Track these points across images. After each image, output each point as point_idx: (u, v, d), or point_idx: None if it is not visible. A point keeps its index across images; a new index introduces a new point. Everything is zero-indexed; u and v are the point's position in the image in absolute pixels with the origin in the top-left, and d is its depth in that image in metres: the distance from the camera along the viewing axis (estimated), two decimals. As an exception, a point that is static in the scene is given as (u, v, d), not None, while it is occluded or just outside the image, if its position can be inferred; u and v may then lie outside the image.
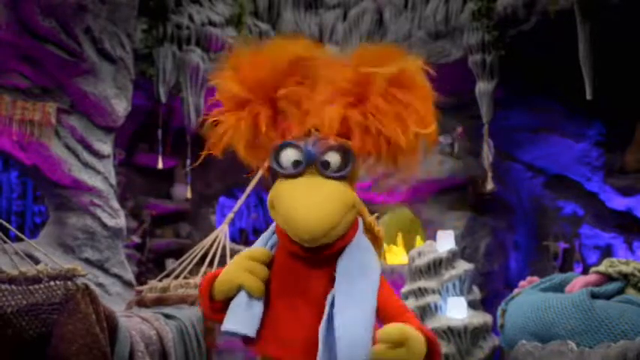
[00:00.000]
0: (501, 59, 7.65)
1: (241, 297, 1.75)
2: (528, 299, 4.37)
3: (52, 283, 3.00)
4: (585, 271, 6.23)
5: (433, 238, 6.50)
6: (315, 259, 1.76)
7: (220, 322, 1.79)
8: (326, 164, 1.74)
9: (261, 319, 1.74)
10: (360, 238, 1.86)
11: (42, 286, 2.99)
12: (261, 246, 1.89)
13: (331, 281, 1.74)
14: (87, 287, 3.05)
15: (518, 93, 8.19)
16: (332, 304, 1.67)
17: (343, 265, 1.74)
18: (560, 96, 7.99)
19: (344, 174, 1.75)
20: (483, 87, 7.71)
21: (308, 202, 1.67)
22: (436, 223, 8.60)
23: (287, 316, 1.75)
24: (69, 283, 3.03)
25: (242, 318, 1.73)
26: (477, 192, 8.78)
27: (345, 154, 1.75)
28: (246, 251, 1.86)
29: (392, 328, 1.59)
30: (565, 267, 8.88)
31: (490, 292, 7.89)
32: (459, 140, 9.02)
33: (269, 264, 1.83)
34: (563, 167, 9.21)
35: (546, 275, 4.77)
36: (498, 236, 8.98)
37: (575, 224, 9.23)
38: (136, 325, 3.49)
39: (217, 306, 1.83)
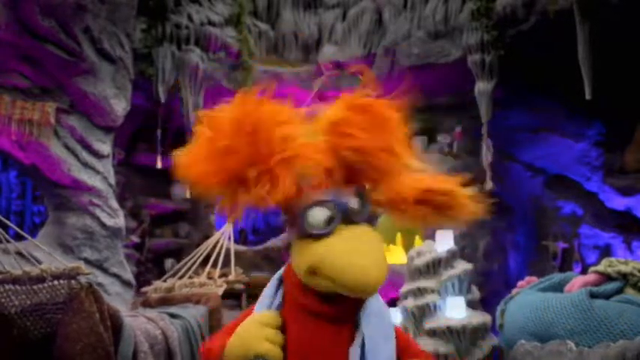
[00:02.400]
0: (501, 59, 7.68)
1: None
2: (527, 299, 4.39)
3: (55, 282, 3.00)
4: (584, 271, 6.24)
5: (432, 237, 6.47)
6: (338, 315, 1.71)
7: None
8: (355, 211, 1.69)
9: None
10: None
11: (46, 285, 2.99)
12: (265, 308, 1.79)
13: (351, 336, 1.71)
14: (90, 286, 3.05)
15: (518, 93, 8.23)
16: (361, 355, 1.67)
17: (367, 320, 1.72)
18: (559, 96, 8.02)
19: (368, 214, 1.73)
20: (482, 87, 7.74)
21: (366, 251, 1.62)
22: (435, 222, 8.59)
23: None
24: (72, 282, 3.03)
25: None
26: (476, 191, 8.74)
27: (361, 194, 1.71)
28: (256, 317, 1.75)
29: None
30: (564, 267, 8.90)
31: (489, 291, 7.90)
32: (458, 140, 9.05)
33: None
34: (562, 167, 9.24)
35: (545, 275, 4.78)
36: (498, 236, 9.01)
37: (575, 224, 9.25)
38: (141, 324, 3.51)
39: None
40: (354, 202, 1.69)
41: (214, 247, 5.80)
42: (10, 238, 3.30)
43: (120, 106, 7.13)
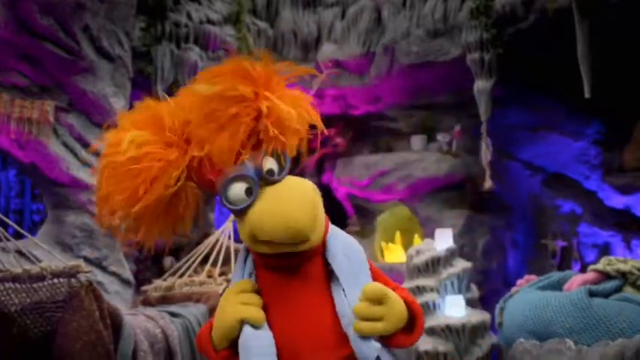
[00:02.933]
0: (500, 57, 7.67)
1: (246, 332, 1.69)
2: (526, 297, 4.41)
3: (55, 280, 3.01)
4: (583, 270, 6.26)
5: (431, 236, 6.51)
6: (302, 260, 1.75)
7: None
8: (271, 172, 1.73)
9: (274, 342, 1.69)
10: (334, 228, 1.88)
11: (46, 283, 3.00)
12: (239, 278, 1.83)
13: (325, 270, 1.78)
14: (90, 284, 3.07)
15: (517, 91, 8.23)
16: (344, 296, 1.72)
17: (333, 254, 1.77)
18: (558, 94, 8.01)
19: (289, 167, 1.77)
20: (482, 85, 7.72)
21: (286, 199, 1.66)
22: (434, 221, 8.61)
23: (298, 328, 1.72)
24: (72, 280, 3.05)
25: (256, 350, 1.66)
26: (475, 190, 8.80)
27: (274, 152, 1.74)
28: (230, 289, 1.80)
29: (372, 286, 1.70)
30: (563, 265, 8.88)
31: (488, 290, 7.92)
32: (458, 138, 9.06)
33: (257, 291, 1.79)
34: (561, 165, 9.22)
35: (544, 274, 4.81)
36: (497, 234, 9.00)
37: (574, 222, 9.24)
38: (141, 323, 3.52)
39: (224, 355, 1.76)
40: (269, 164, 1.72)
41: (214, 245, 5.79)
42: (9, 237, 3.30)
43: (119, 105, 7.10)
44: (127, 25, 7.39)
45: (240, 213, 1.71)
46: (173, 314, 3.97)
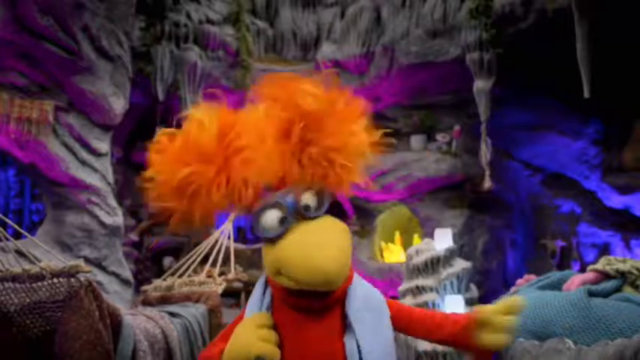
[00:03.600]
0: (499, 57, 7.67)
1: None
2: (525, 297, 4.41)
3: (55, 280, 2.96)
4: (583, 269, 6.25)
5: (431, 236, 6.51)
6: (323, 307, 1.75)
7: None
8: (307, 208, 1.73)
9: None
10: (357, 276, 1.87)
11: (45, 283, 2.96)
12: (256, 310, 1.84)
13: (342, 323, 1.77)
14: (90, 284, 2.99)
15: (516, 91, 8.22)
16: (357, 349, 1.71)
17: (353, 307, 1.77)
18: (558, 94, 8.02)
19: (325, 208, 1.75)
20: (481, 85, 7.73)
21: (319, 244, 1.64)
22: (434, 221, 8.66)
23: None
24: (72, 279, 2.98)
25: None
26: (474, 190, 8.82)
27: (317, 189, 1.74)
28: (249, 319, 1.80)
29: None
30: (563, 265, 8.91)
31: (488, 290, 7.92)
32: (457, 138, 9.07)
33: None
34: (561, 165, 9.23)
35: (544, 273, 4.80)
36: (496, 234, 9.03)
37: (573, 222, 9.26)
38: (141, 323, 3.47)
39: None
40: (307, 199, 1.72)
41: (214, 245, 5.76)
42: (8, 236, 3.28)
43: (118, 105, 7.12)
44: (126, 25, 7.39)
45: (270, 242, 1.72)
46: (173, 314, 3.91)
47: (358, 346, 1.71)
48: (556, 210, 9.43)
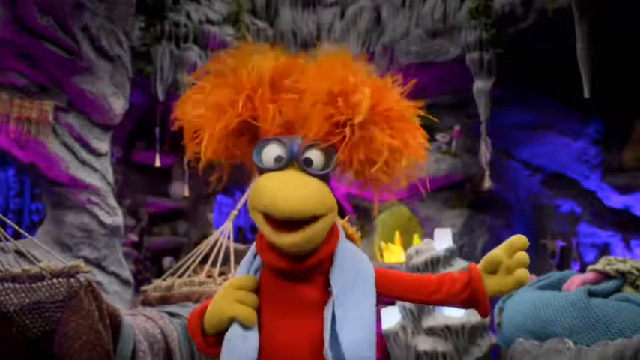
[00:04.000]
0: (499, 57, 7.68)
1: (235, 329, 1.73)
2: (525, 297, 4.41)
3: (55, 280, 2.99)
4: (583, 270, 6.26)
5: (431, 236, 6.46)
6: (304, 271, 1.75)
7: (216, 356, 1.78)
8: (308, 161, 1.73)
9: (258, 347, 1.71)
10: (346, 244, 1.86)
11: (45, 283, 2.98)
12: (244, 272, 1.85)
13: (324, 292, 1.76)
14: (90, 284, 3.05)
15: (516, 91, 8.22)
16: (333, 317, 1.69)
17: (337, 276, 1.75)
18: (558, 94, 8.03)
19: (326, 172, 1.75)
20: (481, 85, 7.74)
21: (292, 186, 1.67)
22: (434, 221, 8.67)
23: (286, 338, 1.73)
24: (72, 280, 3.02)
25: (240, 352, 1.70)
26: (474, 190, 8.83)
27: (329, 154, 1.74)
28: (231, 280, 1.82)
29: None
30: (562, 265, 8.90)
31: (488, 290, 7.92)
32: (457, 138, 9.08)
33: (256, 289, 1.80)
34: (560, 165, 9.22)
35: (544, 273, 4.82)
36: (496, 234, 8.99)
37: (573, 222, 9.24)
38: (141, 323, 3.50)
39: (211, 340, 1.82)
40: (314, 155, 1.73)
41: (213, 245, 5.76)
42: (8, 236, 3.28)
43: (118, 105, 7.11)
44: (126, 25, 7.39)
45: (260, 173, 1.76)
46: (172, 314, 3.93)
47: (334, 319, 1.68)
48: (556, 210, 9.42)
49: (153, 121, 8.61)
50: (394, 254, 9.58)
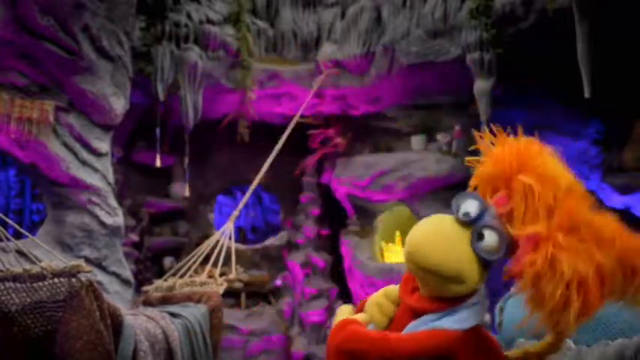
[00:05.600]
0: (499, 57, 7.66)
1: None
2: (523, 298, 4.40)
3: (56, 280, 2.98)
4: (583, 269, 6.25)
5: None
6: (405, 307, 1.91)
7: None
8: (480, 236, 1.79)
9: None
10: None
11: (46, 283, 2.97)
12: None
13: None
14: (91, 284, 3.03)
15: (517, 91, 8.19)
16: None
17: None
18: (558, 94, 8.01)
19: (490, 252, 1.81)
20: (481, 85, 7.72)
21: (436, 231, 1.80)
22: (434, 221, 8.57)
23: None
24: (73, 279, 3.00)
25: None
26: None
27: (505, 244, 1.81)
28: (385, 287, 2.05)
29: None
30: None
31: (488, 289, 7.90)
32: (458, 138, 9.07)
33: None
34: None
35: None
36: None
37: (573, 222, 9.17)
38: (142, 323, 3.50)
39: None
40: (490, 234, 1.80)
41: (215, 245, 5.77)
42: (9, 236, 3.28)
43: (119, 105, 7.12)
44: (126, 25, 7.39)
45: None
46: (173, 314, 3.95)
47: None
48: None
49: (153, 120, 8.61)
50: (395, 254, 9.58)
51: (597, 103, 7.21)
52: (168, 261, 9.92)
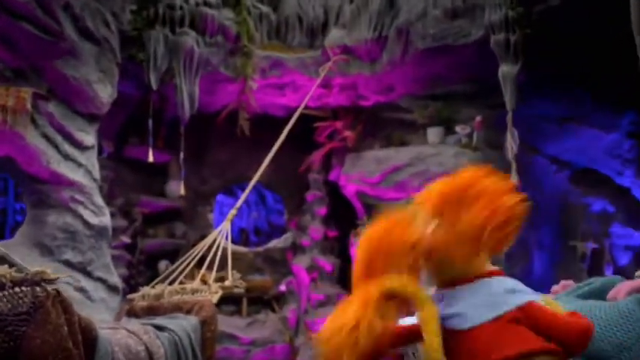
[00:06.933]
0: (527, 39, 7.37)
1: None
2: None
3: (17, 289, 2.77)
4: (617, 274, 6.00)
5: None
6: None
7: None
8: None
9: None
10: None
11: (6, 293, 2.75)
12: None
13: None
14: (58, 294, 2.80)
15: (544, 78, 7.93)
16: None
17: None
18: (590, 81, 7.75)
19: None
20: (507, 70, 7.43)
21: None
22: (452, 220, 8.38)
23: None
24: (37, 289, 2.79)
25: None
26: (497, 187, 8.54)
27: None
28: None
29: None
30: (594, 269, 8.72)
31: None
32: (478, 130, 8.78)
33: None
34: (591, 160, 9.07)
35: (573, 278, 4.52)
36: (521, 235, 8.64)
37: (605, 222, 9.13)
38: (121, 339, 3.30)
39: None
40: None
41: (210, 247, 5.58)
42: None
43: (105, 92, 6.93)
44: (114, 5, 7.26)
45: None
46: (159, 327, 3.71)
47: None
48: (586, 209, 9.25)
49: (146, 113, 8.49)
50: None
51: (632, 93, 7.00)
52: (163, 265, 9.83)
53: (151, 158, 8.42)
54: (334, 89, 9.64)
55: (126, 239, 9.34)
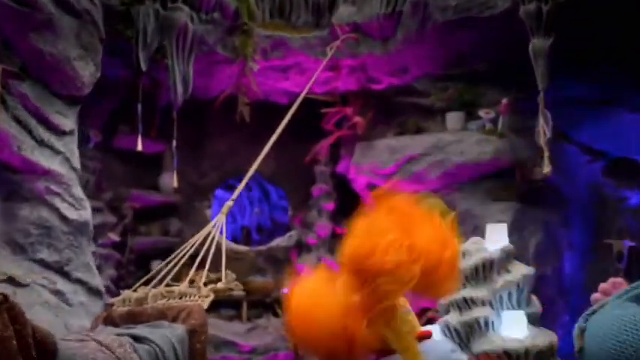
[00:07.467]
0: (560, 8, 7.04)
1: None
2: (615, 315, 3.60)
3: None
4: (658, 275, 5.73)
5: (471, 234, 5.95)
6: None
7: None
8: None
9: None
10: None
11: (-56, 300, 2.65)
12: None
13: None
14: (5, 299, 2.69)
15: (576, 55, 7.57)
16: None
17: None
18: (629, 60, 7.45)
19: None
20: (538, 45, 7.10)
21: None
22: (475, 216, 8.13)
23: None
24: None
25: None
26: (525, 178, 8.35)
27: None
28: None
29: None
30: (631, 269, 8.50)
31: (542, 300, 7.35)
32: (504, 115, 8.53)
33: None
34: (628, 149, 8.86)
35: (608, 279, 4.09)
36: (551, 232, 8.54)
37: (644, 218, 8.94)
38: (89, 353, 3.13)
39: None
40: None
41: (203, 242, 5.42)
42: None
43: (86, 71, 6.55)
44: (97, -25, 6.83)
45: None
46: (138, 339, 3.55)
47: None
48: (622, 203, 9.10)
49: (136, 97, 8.16)
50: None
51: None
52: (156, 265, 9.47)
53: (139, 147, 8.11)
54: (343, 71, 9.41)
55: (115, 237, 9.12)
